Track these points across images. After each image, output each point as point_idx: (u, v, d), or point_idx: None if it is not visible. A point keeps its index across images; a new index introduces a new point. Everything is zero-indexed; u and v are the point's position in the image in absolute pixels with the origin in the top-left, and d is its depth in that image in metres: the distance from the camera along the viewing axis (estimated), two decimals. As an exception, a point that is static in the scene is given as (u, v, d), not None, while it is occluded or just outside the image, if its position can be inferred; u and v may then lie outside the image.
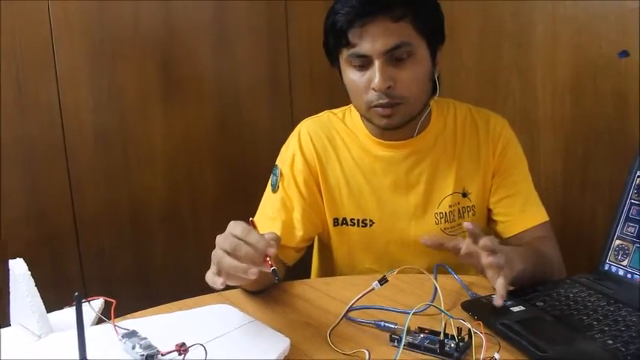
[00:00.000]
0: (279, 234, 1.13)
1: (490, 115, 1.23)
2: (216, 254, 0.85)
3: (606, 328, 0.85)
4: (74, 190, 1.72)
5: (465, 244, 0.93)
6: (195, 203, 1.90)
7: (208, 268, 0.87)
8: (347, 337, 0.87)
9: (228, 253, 0.83)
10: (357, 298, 0.90)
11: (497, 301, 0.88)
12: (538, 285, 1.00)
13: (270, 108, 1.97)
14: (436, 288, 0.94)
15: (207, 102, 1.88)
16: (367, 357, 0.78)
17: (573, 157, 1.72)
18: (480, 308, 0.93)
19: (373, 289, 0.88)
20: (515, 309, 0.91)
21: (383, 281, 0.87)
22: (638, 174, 1.03)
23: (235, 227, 0.86)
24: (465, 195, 1.20)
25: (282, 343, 0.82)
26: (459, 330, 0.83)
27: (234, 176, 1.93)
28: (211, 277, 0.86)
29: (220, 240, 0.86)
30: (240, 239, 0.83)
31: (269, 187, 1.22)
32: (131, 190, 1.80)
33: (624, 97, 1.57)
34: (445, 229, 1.20)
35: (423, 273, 0.93)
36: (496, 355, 0.75)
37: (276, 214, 1.18)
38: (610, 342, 0.81)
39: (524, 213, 1.19)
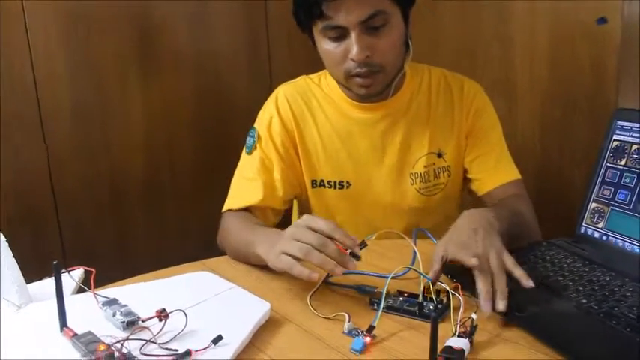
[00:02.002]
0: (260, 195, 1.16)
1: (464, 79, 1.26)
2: (300, 247, 0.83)
3: (581, 288, 0.87)
4: (52, 165, 1.71)
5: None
6: (174, 174, 1.89)
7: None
8: (327, 301, 0.88)
9: (314, 247, 0.83)
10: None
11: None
12: (516, 248, 1.00)
13: (249, 77, 1.96)
14: (415, 252, 0.95)
15: (185, 72, 1.86)
16: (347, 319, 0.80)
17: (551, 123, 1.74)
18: (459, 271, 0.93)
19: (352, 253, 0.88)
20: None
21: (362, 245, 0.87)
22: (613, 138, 1.04)
23: (317, 221, 0.85)
24: (439, 155, 1.23)
25: (262, 307, 0.83)
26: (438, 292, 0.85)
27: (213, 146, 1.92)
28: (293, 266, 0.84)
29: (300, 232, 0.85)
30: (326, 235, 0.84)
31: (244, 150, 1.23)
32: (110, 164, 1.79)
33: (602, 62, 1.58)
34: (420, 189, 1.23)
35: (403, 238, 0.93)
36: (473, 316, 0.77)
37: (256, 175, 1.19)
38: (584, 301, 0.83)
39: (496, 170, 1.21)
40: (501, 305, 0.79)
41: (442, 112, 1.23)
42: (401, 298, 0.86)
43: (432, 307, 0.83)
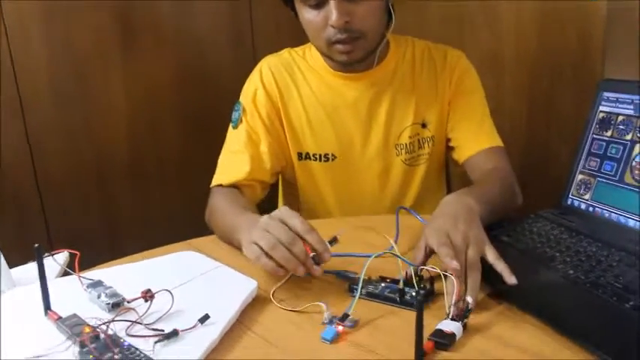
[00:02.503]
0: (248, 167, 1.16)
1: (447, 49, 1.26)
2: (268, 240, 0.81)
3: (568, 259, 0.88)
4: (33, 147, 1.68)
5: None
6: (159, 155, 1.87)
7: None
8: (307, 288, 0.86)
9: (282, 243, 0.81)
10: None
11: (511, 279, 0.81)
12: (503, 221, 1.02)
13: (233, 54, 1.93)
14: (397, 234, 0.95)
15: (167, 50, 1.83)
16: (325, 309, 0.77)
17: (538, 97, 1.74)
18: None
19: None
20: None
21: (333, 241, 0.86)
22: (599, 109, 1.04)
23: (293, 218, 0.83)
24: (424, 126, 1.24)
25: (249, 286, 0.83)
26: (421, 278, 0.82)
27: (198, 125, 1.90)
28: (259, 257, 0.83)
29: (273, 225, 0.83)
30: (298, 235, 0.82)
31: (230, 124, 1.23)
32: (93, 145, 1.77)
33: (588, 33, 1.58)
34: (405, 160, 1.24)
35: (391, 214, 0.93)
36: (468, 299, 0.75)
37: (242, 148, 1.19)
38: (571, 272, 0.84)
39: (477, 136, 1.22)
40: (470, 301, 0.75)
41: (426, 82, 1.23)
42: (382, 284, 0.83)
43: (413, 294, 0.80)
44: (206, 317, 0.73)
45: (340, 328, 0.74)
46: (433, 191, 1.29)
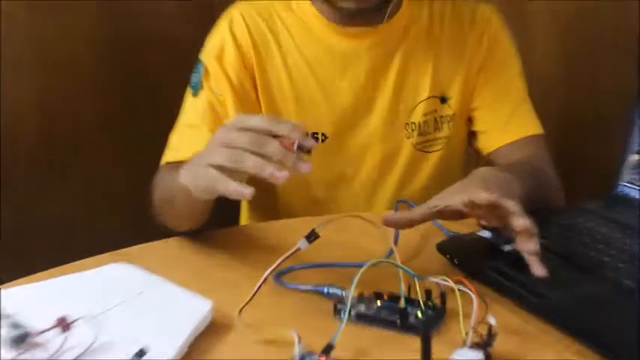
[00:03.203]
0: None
1: (478, 4, 1.27)
2: (229, 152, 0.80)
3: (621, 265, 0.87)
4: None
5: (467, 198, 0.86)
6: (78, 136, 1.84)
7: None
8: (279, 307, 0.86)
9: (247, 150, 0.79)
10: (278, 263, 0.85)
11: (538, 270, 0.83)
12: (535, 216, 1.01)
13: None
14: (397, 234, 0.94)
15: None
16: (296, 341, 0.74)
17: (576, 58, 1.75)
18: (461, 249, 0.94)
19: (299, 249, 0.86)
20: (508, 248, 0.91)
21: (312, 237, 0.85)
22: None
23: (251, 119, 0.82)
24: (444, 100, 1.24)
25: (201, 307, 0.81)
26: (428, 293, 0.81)
27: (135, 97, 1.86)
28: (217, 181, 0.81)
29: (228, 136, 0.81)
30: (265, 132, 0.80)
31: (189, 90, 1.21)
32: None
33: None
34: (417, 144, 1.25)
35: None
36: (491, 320, 0.72)
37: (200, 122, 1.17)
38: (626, 281, 0.83)
39: (511, 121, 1.23)
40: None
41: (449, 43, 1.24)
42: (378, 303, 0.82)
43: (418, 315, 0.79)
44: (143, 352, 0.71)
45: (324, 363, 0.72)
46: (447, 185, 1.28)
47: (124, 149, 1.81)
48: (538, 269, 0.81)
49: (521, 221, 0.81)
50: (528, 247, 0.82)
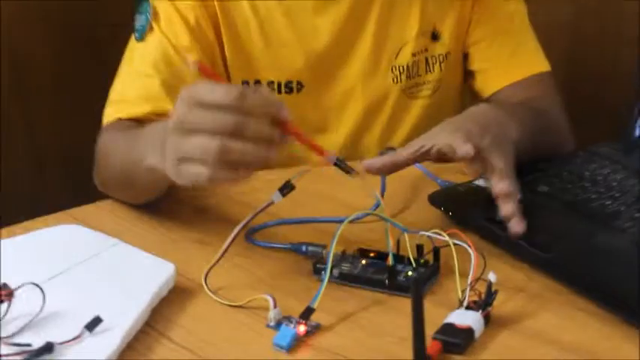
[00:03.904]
0: (160, 97, 1.12)
1: None
2: (205, 145, 0.75)
3: (638, 215, 0.87)
4: None
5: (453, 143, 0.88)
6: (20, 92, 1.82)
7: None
8: (251, 270, 0.86)
9: (228, 136, 0.75)
10: (248, 219, 0.86)
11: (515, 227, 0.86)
12: (540, 162, 1.02)
13: None
14: (383, 185, 0.94)
15: None
16: (271, 306, 0.75)
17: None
18: (456, 200, 0.95)
19: (272, 202, 0.85)
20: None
21: (286, 189, 0.85)
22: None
23: (213, 91, 0.77)
24: (435, 37, 1.24)
25: (162, 271, 0.81)
26: (419, 248, 0.82)
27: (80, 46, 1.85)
28: (202, 179, 0.77)
29: (195, 119, 0.76)
30: (234, 107, 0.76)
31: (133, 36, 1.18)
32: None
33: None
34: (406, 88, 1.24)
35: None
36: (491, 277, 0.73)
37: (151, 69, 1.14)
38: (643, 233, 0.84)
39: (513, 59, 1.23)
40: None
41: None
42: (363, 262, 0.83)
43: (409, 273, 0.80)
44: (97, 321, 0.71)
45: (302, 329, 0.73)
46: None
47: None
48: (514, 226, 0.85)
49: (500, 185, 0.85)
50: (506, 209, 0.85)
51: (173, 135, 0.78)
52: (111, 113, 1.14)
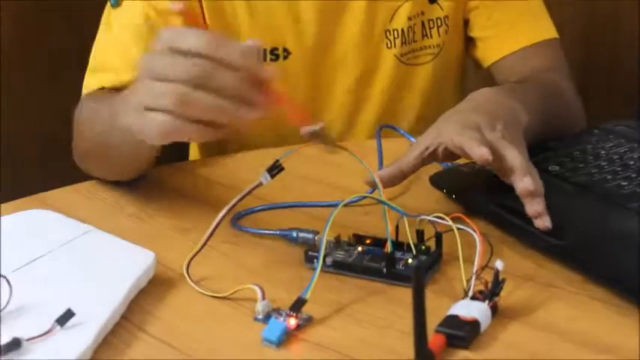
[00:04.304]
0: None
1: None
2: (169, 91, 0.75)
3: None
4: None
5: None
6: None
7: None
8: (237, 259, 0.86)
9: (194, 86, 0.74)
10: (234, 202, 0.85)
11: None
12: (550, 140, 1.02)
13: None
14: (380, 166, 0.95)
15: None
16: (260, 297, 0.75)
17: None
18: (460, 183, 0.94)
19: (260, 184, 0.85)
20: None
21: (275, 170, 0.84)
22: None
23: (187, 36, 0.76)
24: (432, 0, 1.23)
25: (141, 260, 0.81)
26: (420, 234, 0.82)
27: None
28: (167, 132, 0.77)
29: (164, 64, 0.76)
30: (207, 55, 0.74)
31: (108, 3, 1.18)
32: None
33: None
34: (401, 54, 1.24)
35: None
36: (498, 265, 0.73)
37: (131, 36, 1.15)
38: (664, 216, 0.84)
39: (518, 24, 1.23)
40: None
41: None
42: (359, 249, 0.83)
43: (409, 261, 0.79)
44: (69, 315, 0.70)
45: (293, 322, 0.72)
46: (441, 105, 1.27)
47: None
48: (542, 223, 0.83)
49: (521, 184, 0.82)
50: (533, 209, 0.82)
51: (139, 82, 0.79)
52: (93, 83, 1.15)
